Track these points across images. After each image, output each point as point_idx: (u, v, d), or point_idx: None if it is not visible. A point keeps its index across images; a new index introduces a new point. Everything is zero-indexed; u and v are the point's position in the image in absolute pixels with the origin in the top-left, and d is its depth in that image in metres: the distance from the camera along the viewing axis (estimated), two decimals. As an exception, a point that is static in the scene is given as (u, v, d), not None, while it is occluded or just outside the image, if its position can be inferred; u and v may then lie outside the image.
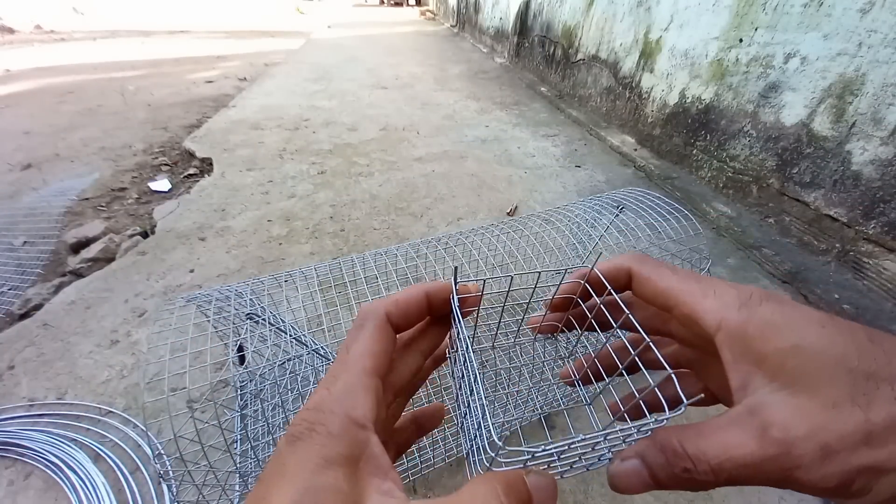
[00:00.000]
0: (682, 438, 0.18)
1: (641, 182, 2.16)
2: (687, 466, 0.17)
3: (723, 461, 0.16)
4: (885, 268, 1.34)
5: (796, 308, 0.18)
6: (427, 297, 0.23)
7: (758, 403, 0.17)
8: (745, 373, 0.18)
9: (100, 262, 1.45)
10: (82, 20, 7.58)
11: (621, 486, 0.19)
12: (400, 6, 13.77)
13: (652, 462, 0.18)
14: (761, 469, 0.16)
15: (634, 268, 0.23)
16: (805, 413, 0.15)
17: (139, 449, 0.89)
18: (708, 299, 0.20)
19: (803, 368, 0.16)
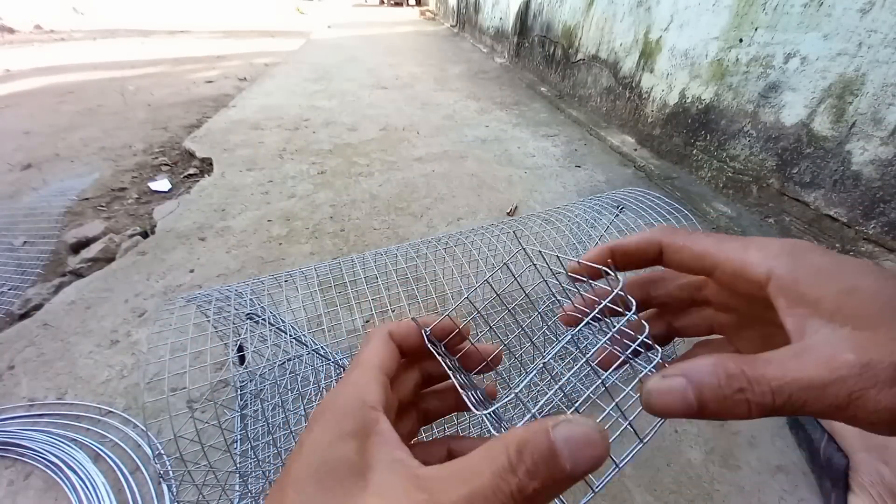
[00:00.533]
0: (738, 362, 0.17)
1: (641, 182, 2.16)
2: (742, 386, 0.16)
3: (785, 383, 0.15)
4: (886, 268, 1.34)
5: (842, 256, 0.18)
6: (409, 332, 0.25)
7: (820, 340, 0.16)
8: (802, 316, 0.17)
9: (100, 262, 1.45)
10: (82, 20, 7.58)
11: (658, 405, 0.17)
12: (400, 6, 13.77)
13: (700, 381, 0.17)
14: (826, 392, 0.15)
15: (665, 240, 0.23)
16: (872, 342, 0.15)
17: (139, 449, 0.89)
18: (752, 252, 0.19)
19: (862, 308, 0.16)
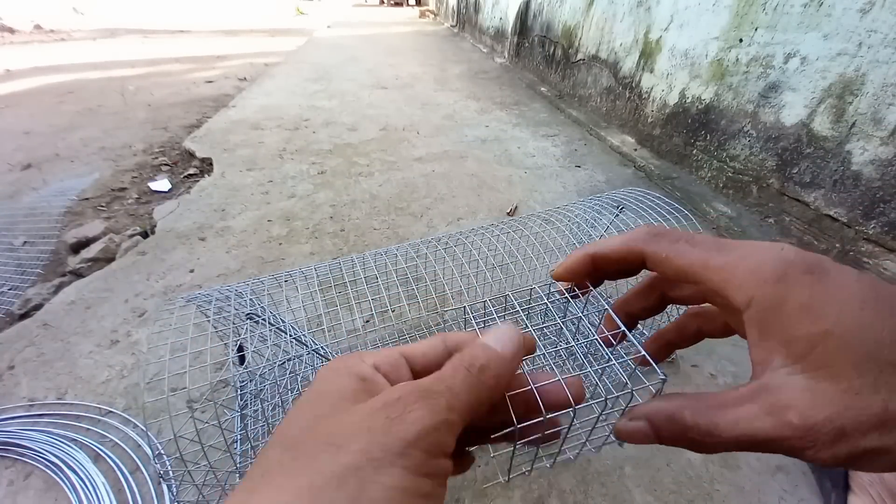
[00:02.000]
0: (693, 412, 0.18)
1: (641, 182, 2.16)
2: (694, 437, 0.18)
3: (733, 437, 0.17)
4: (885, 268, 1.34)
5: (838, 283, 0.17)
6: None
7: (777, 383, 0.17)
8: (769, 350, 0.17)
9: (100, 262, 1.45)
10: (82, 20, 7.58)
11: (626, 439, 0.20)
12: (400, 6, 13.77)
13: (659, 426, 0.19)
14: (770, 445, 0.16)
15: (647, 249, 0.22)
16: (825, 399, 0.15)
17: (139, 449, 0.89)
18: (737, 273, 0.18)
19: (831, 356, 0.16)
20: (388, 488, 0.15)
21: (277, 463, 0.16)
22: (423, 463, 0.16)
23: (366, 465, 0.15)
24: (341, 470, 0.15)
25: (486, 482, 0.85)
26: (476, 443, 0.23)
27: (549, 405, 0.20)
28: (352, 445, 0.15)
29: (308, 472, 0.15)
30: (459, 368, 0.19)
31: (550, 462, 0.22)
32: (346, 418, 0.17)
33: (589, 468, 0.88)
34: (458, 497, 0.82)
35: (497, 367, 0.19)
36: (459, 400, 0.18)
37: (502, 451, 0.58)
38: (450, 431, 0.17)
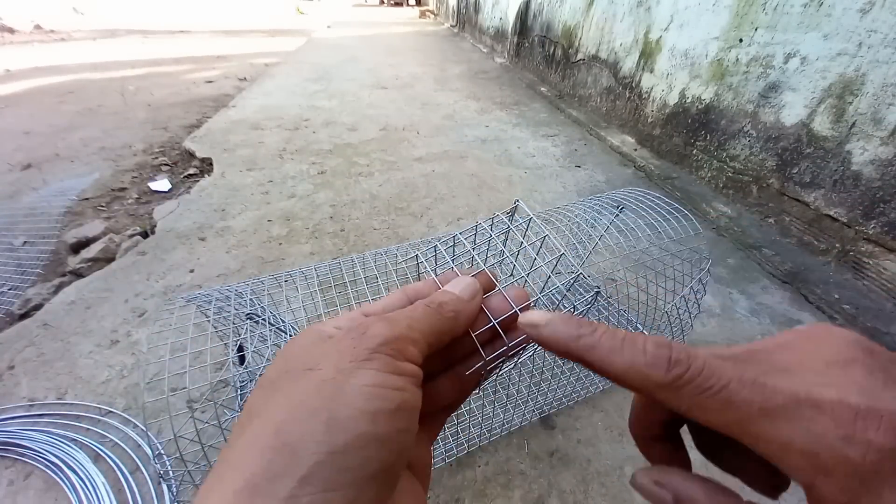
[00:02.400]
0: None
1: (641, 182, 2.16)
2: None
3: None
4: (885, 268, 1.34)
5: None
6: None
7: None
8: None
9: (100, 262, 1.45)
10: (82, 20, 7.58)
11: (645, 497, 0.18)
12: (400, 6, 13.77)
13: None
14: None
15: (660, 396, 0.17)
16: None
17: (139, 449, 0.88)
18: (793, 453, 0.14)
19: None
20: (362, 386, 0.16)
21: (260, 400, 0.17)
22: (390, 364, 0.17)
23: (337, 375, 0.16)
24: (316, 384, 0.16)
25: (486, 482, 0.85)
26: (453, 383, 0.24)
27: (499, 316, 0.23)
28: (323, 364, 0.17)
29: (288, 395, 0.16)
30: (419, 304, 0.21)
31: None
32: (315, 350, 0.18)
33: (589, 468, 0.88)
34: (458, 497, 0.82)
35: (455, 304, 0.21)
36: (420, 323, 0.20)
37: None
38: (412, 345, 0.19)
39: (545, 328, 0.19)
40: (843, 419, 0.14)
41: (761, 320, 1.28)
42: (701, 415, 0.16)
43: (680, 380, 0.16)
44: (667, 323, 0.94)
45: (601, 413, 0.99)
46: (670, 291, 0.96)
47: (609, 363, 0.17)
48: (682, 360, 0.16)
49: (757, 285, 1.43)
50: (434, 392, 0.22)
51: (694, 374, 0.16)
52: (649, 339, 0.17)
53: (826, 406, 0.14)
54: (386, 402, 0.16)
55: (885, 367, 0.15)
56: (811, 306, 1.35)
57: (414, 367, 0.18)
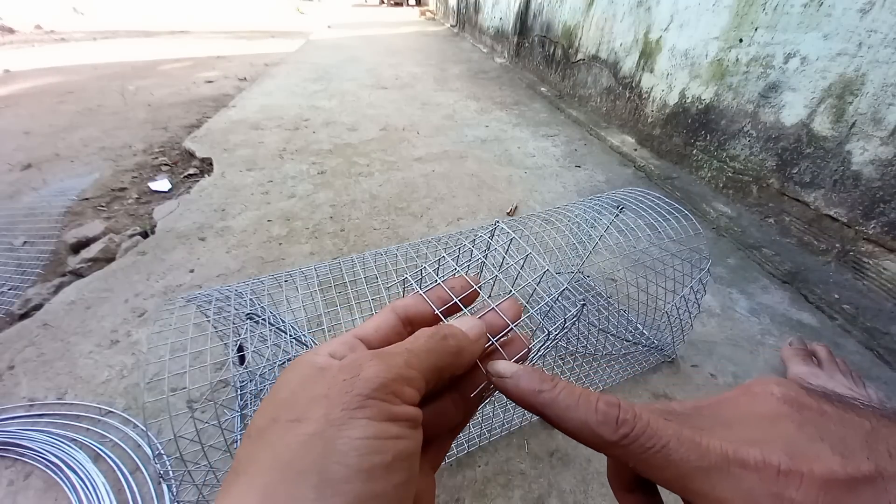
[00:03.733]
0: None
1: (641, 182, 2.16)
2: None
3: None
4: (885, 268, 1.34)
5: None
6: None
7: None
8: None
9: (100, 262, 1.45)
10: (82, 20, 7.58)
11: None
12: (400, 6, 13.77)
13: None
14: None
15: (611, 453, 0.18)
16: None
17: (139, 449, 0.89)
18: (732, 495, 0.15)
19: None
20: (355, 439, 0.15)
21: (247, 456, 0.16)
22: (384, 410, 0.16)
23: (328, 427, 0.15)
24: (305, 438, 0.15)
25: (486, 482, 0.85)
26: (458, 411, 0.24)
27: (494, 332, 0.23)
28: (312, 415, 0.16)
29: (275, 452, 0.15)
30: (423, 334, 0.20)
31: None
32: (305, 396, 0.17)
33: (589, 468, 0.88)
34: (458, 497, 0.82)
35: (461, 340, 0.21)
36: (419, 358, 0.19)
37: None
38: (409, 385, 0.17)
39: (509, 381, 0.20)
40: (767, 478, 0.15)
41: (761, 320, 1.28)
42: (647, 471, 0.17)
43: (626, 438, 0.17)
44: (667, 323, 0.94)
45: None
46: (670, 291, 0.96)
47: (565, 420, 0.19)
48: (628, 419, 0.18)
49: (757, 285, 1.43)
50: (440, 413, 0.22)
51: (638, 433, 0.17)
52: (601, 399, 0.19)
53: (751, 465, 0.15)
54: (382, 456, 0.15)
55: (815, 422, 0.16)
56: (811, 306, 1.35)
57: (412, 409, 0.17)
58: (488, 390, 0.23)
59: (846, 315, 1.29)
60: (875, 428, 0.16)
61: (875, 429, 0.16)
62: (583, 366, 1.03)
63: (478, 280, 0.26)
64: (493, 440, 0.91)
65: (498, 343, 0.23)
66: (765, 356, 1.13)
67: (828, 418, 0.16)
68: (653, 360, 1.08)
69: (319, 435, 0.15)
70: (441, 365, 0.19)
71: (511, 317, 0.24)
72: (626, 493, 0.22)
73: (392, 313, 0.23)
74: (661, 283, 1.00)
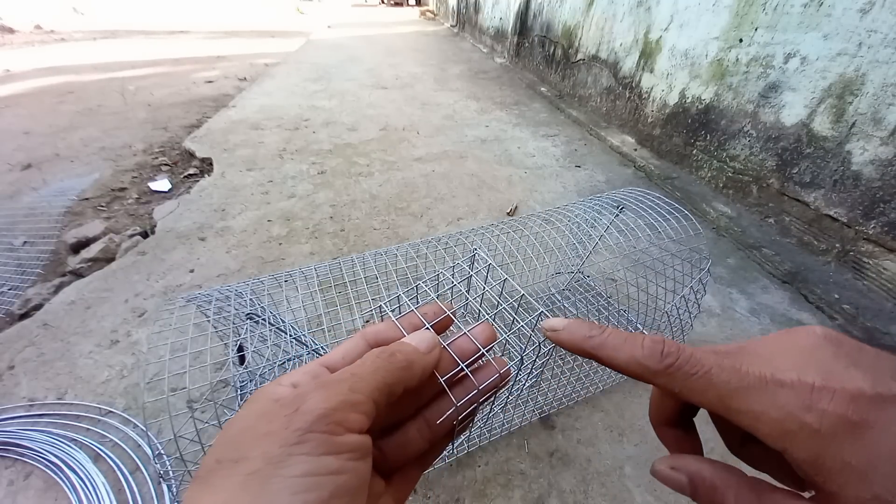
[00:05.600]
0: (738, 497, 0.18)
1: (641, 182, 2.16)
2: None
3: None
4: (885, 268, 1.34)
5: (883, 442, 0.15)
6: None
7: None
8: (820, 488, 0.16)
9: (100, 262, 1.45)
10: (82, 20, 7.58)
11: (661, 481, 0.21)
12: (400, 6, 13.77)
13: (700, 492, 0.19)
14: None
15: (657, 382, 0.20)
16: None
17: (139, 449, 0.88)
18: (764, 421, 0.17)
19: None
20: (290, 477, 0.15)
21: (192, 500, 0.16)
22: (324, 443, 0.16)
23: (264, 466, 0.15)
24: (243, 479, 0.15)
25: (486, 482, 0.85)
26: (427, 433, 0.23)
27: (467, 357, 0.23)
28: (252, 454, 0.16)
29: (214, 494, 0.15)
30: (370, 355, 0.20)
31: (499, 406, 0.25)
32: (249, 433, 0.17)
33: (589, 468, 0.88)
34: (458, 497, 0.82)
35: (409, 353, 0.21)
36: (365, 381, 0.18)
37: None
38: (354, 410, 0.17)
39: (563, 332, 0.22)
40: (801, 393, 0.16)
41: (761, 320, 1.28)
42: (690, 395, 0.19)
43: (671, 367, 0.19)
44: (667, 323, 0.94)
45: (601, 413, 0.99)
46: (670, 291, 0.96)
47: (614, 357, 0.21)
48: (672, 351, 0.19)
49: (757, 285, 1.43)
50: (403, 441, 0.22)
51: (682, 363, 0.19)
52: (647, 337, 0.20)
53: (787, 383, 0.17)
54: (318, 493, 0.15)
55: (850, 354, 0.17)
56: (811, 306, 1.35)
57: (357, 438, 0.17)
58: (457, 418, 0.22)
59: (846, 315, 1.29)
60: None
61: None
62: (582, 366, 1.03)
63: (451, 307, 0.25)
64: (493, 440, 0.91)
65: (468, 369, 0.22)
66: (765, 356, 1.12)
67: (863, 353, 0.18)
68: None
69: (256, 474, 0.15)
70: (390, 381, 0.19)
71: (483, 341, 0.24)
72: (666, 427, 0.24)
73: (361, 339, 0.23)
74: (661, 283, 1.00)
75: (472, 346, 0.24)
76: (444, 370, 0.22)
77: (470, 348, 0.24)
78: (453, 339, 0.24)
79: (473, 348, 0.23)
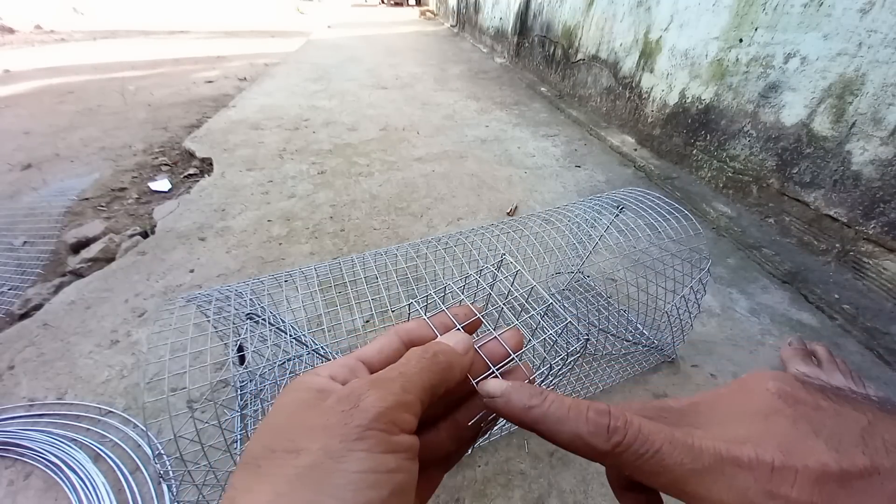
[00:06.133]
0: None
1: (641, 182, 2.16)
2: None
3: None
4: (885, 268, 1.34)
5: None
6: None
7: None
8: None
9: (100, 262, 1.45)
10: (82, 20, 7.58)
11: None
12: (400, 6, 13.77)
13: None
14: None
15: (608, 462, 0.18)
16: None
17: (139, 449, 0.89)
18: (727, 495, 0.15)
19: None
20: (352, 473, 0.15)
21: (243, 486, 0.16)
22: (383, 441, 0.16)
23: (325, 459, 0.15)
24: (302, 471, 0.15)
25: (486, 482, 0.85)
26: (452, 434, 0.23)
27: (496, 361, 0.23)
28: (310, 446, 0.15)
29: (270, 483, 0.15)
30: (413, 354, 0.20)
31: None
32: (302, 424, 0.17)
33: (589, 468, 0.88)
34: (458, 497, 0.82)
35: (450, 355, 0.21)
36: (413, 382, 0.18)
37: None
38: (407, 410, 0.17)
39: (499, 399, 0.20)
40: (761, 476, 0.15)
41: (761, 320, 1.28)
42: (642, 477, 0.17)
43: (619, 446, 0.17)
44: (667, 323, 0.94)
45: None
46: (670, 291, 0.96)
47: (558, 433, 0.18)
48: (619, 427, 0.17)
49: (757, 285, 1.43)
50: (432, 442, 0.22)
51: (630, 441, 0.17)
52: (591, 407, 0.18)
53: (745, 463, 0.15)
54: (378, 491, 0.15)
55: (809, 417, 0.16)
56: (811, 306, 1.35)
57: (410, 438, 0.17)
58: (486, 420, 0.22)
59: (846, 315, 1.29)
60: (872, 422, 0.16)
61: (872, 423, 0.16)
62: (583, 366, 1.03)
63: (481, 310, 0.26)
64: (493, 440, 0.91)
65: (498, 372, 0.22)
66: (765, 356, 1.13)
67: (823, 413, 0.16)
68: (653, 361, 1.08)
69: (317, 467, 0.15)
70: (434, 382, 0.19)
71: (513, 346, 0.24)
72: (625, 491, 0.22)
73: (395, 336, 0.23)
74: (661, 283, 1.00)
75: (502, 349, 0.24)
76: (475, 373, 0.22)
77: (500, 352, 0.24)
78: (484, 342, 0.24)
79: (503, 352, 0.23)
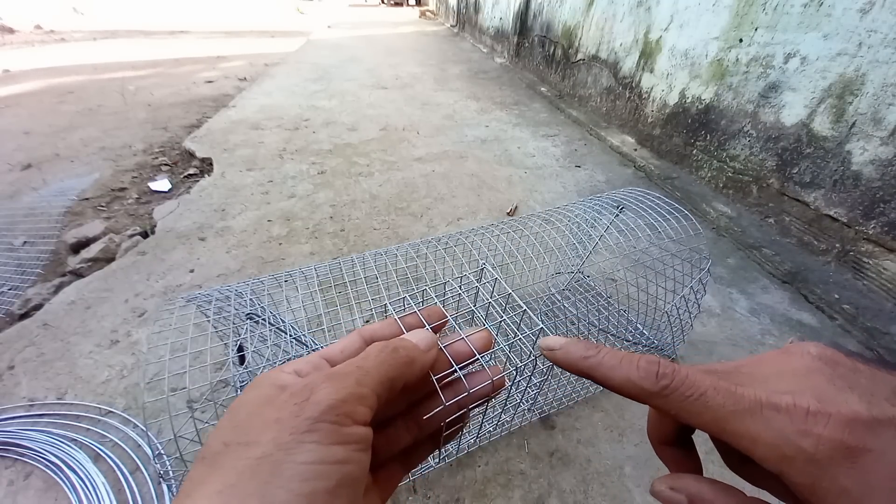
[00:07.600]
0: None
1: (641, 182, 2.16)
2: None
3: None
4: (885, 268, 1.34)
5: (878, 470, 0.15)
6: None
7: None
8: None
9: (100, 262, 1.45)
10: (82, 20, 7.58)
11: (660, 499, 0.20)
12: (400, 6, 13.77)
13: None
14: None
15: (653, 403, 0.20)
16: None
17: (139, 449, 0.88)
18: (760, 445, 0.17)
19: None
20: (299, 464, 0.15)
21: (197, 479, 0.16)
22: (333, 433, 0.16)
23: (275, 451, 0.15)
24: (252, 462, 0.15)
25: (486, 482, 0.85)
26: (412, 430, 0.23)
27: (463, 361, 0.23)
28: (261, 438, 0.16)
29: (222, 475, 0.15)
30: (373, 349, 0.21)
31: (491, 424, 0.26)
32: (257, 418, 0.17)
33: (589, 468, 0.88)
34: (458, 497, 0.82)
35: (410, 350, 0.21)
36: (369, 375, 0.19)
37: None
38: (361, 403, 0.18)
39: (559, 352, 0.22)
40: (797, 418, 0.16)
41: (761, 320, 1.28)
42: (686, 417, 0.19)
43: (666, 389, 0.19)
44: (667, 323, 0.94)
45: (601, 413, 0.99)
46: (670, 291, 0.96)
47: (610, 377, 0.20)
48: (667, 373, 0.19)
49: (757, 285, 1.43)
50: (391, 436, 0.22)
51: (677, 385, 0.18)
52: (643, 357, 0.20)
53: (783, 407, 0.17)
54: (325, 482, 0.15)
55: (845, 375, 0.17)
56: (811, 306, 1.35)
57: (362, 429, 0.17)
58: (445, 420, 0.23)
59: (846, 315, 1.29)
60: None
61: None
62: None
63: (444, 312, 0.26)
64: (493, 440, 0.91)
65: (462, 373, 0.23)
66: (765, 356, 1.12)
67: (859, 374, 0.17)
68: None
69: (267, 459, 0.15)
70: (392, 376, 0.20)
71: (480, 348, 0.24)
72: (664, 446, 0.24)
73: (358, 337, 0.23)
74: (661, 283, 1.00)
75: (469, 350, 0.24)
76: (438, 371, 0.23)
77: (466, 352, 0.24)
78: (451, 342, 0.24)
79: (470, 353, 0.24)
